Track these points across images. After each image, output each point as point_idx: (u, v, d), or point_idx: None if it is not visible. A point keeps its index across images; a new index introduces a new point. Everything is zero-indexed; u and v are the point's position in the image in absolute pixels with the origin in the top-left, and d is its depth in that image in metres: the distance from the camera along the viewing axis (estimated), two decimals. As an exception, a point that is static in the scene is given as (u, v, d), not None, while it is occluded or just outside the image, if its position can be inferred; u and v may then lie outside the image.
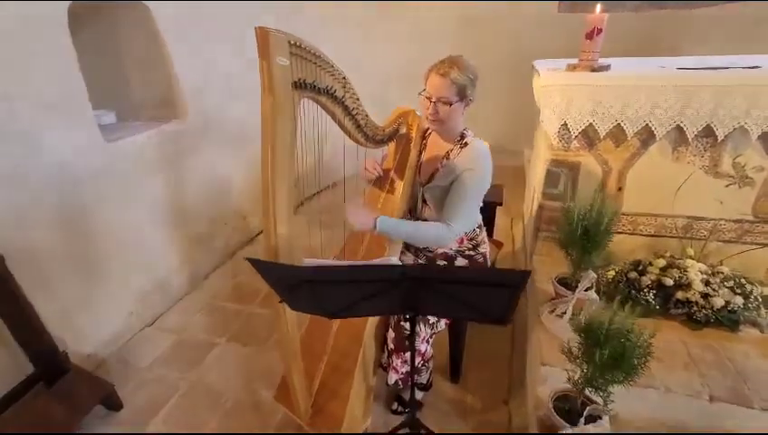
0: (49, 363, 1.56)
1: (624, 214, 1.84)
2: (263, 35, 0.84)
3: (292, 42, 0.90)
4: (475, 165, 1.32)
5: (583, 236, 1.36)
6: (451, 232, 1.32)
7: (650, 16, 3.31)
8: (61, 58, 1.66)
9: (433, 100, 1.29)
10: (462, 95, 1.29)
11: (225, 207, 2.68)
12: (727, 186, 1.67)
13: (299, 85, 0.94)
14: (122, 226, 1.98)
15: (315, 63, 0.98)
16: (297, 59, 0.92)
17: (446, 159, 1.40)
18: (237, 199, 2.77)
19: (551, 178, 1.89)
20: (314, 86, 0.99)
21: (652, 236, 1.85)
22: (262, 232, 3.12)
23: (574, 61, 1.79)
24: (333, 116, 1.12)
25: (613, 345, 1.03)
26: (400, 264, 0.91)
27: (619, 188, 1.81)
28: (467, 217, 1.37)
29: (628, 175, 1.78)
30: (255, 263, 0.84)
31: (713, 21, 3.31)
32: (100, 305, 1.92)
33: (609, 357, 1.04)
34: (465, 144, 1.38)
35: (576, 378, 1.14)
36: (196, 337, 2.08)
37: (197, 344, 2.02)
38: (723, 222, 1.73)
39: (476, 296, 0.89)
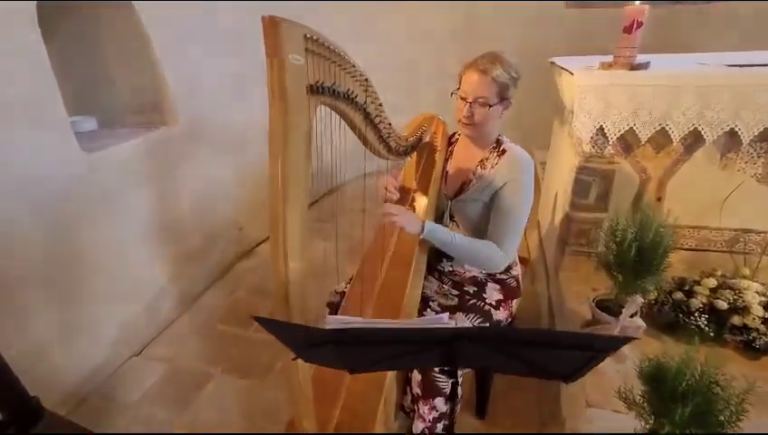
0: (19, 410, 1.35)
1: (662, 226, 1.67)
2: (272, 26, 0.64)
3: (309, 35, 0.71)
4: (519, 175, 1.16)
5: (636, 258, 1.18)
6: (505, 257, 1.17)
7: (665, 10, 3.16)
8: (29, 57, 1.45)
9: (469, 100, 1.12)
10: (502, 96, 1.13)
11: (220, 219, 2.47)
12: (781, 195, 1.51)
13: (316, 89, 0.75)
14: (104, 245, 1.77)
15: (334, 62, 0.79)
16: (313, 56, 0.73)
17: (481, 168, 1.22)
18: (233, 209, 2.56)
19: (580, 187, 1.72)
20: (333, 90, 0.80)
21: (693, 250, 1.68)
22: (260, 244, 2.96)
23: (607, 58, 1.61)
24: (353, 125, 0.93)
25: (696, 402, 0.86)
26: (454, 325, 0.72)
27: (659, 198, 1.64)
28: (518, 238, 1.20)
29: (668, 183, 1.61)
30: (266, 323, 0.65)
31: (729, 16, 3.18)
32: (80, 335, 1.71)
33: (690, 414, 0.87)
34: (503, 151, 1.21)
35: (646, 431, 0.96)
36: (189, 367, 1.88)
37: (191, 375, 1.82)
38: (771, 234, 1.57)
39: (544, 356, 0.70)
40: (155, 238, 2.02)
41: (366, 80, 0.90)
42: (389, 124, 1.05)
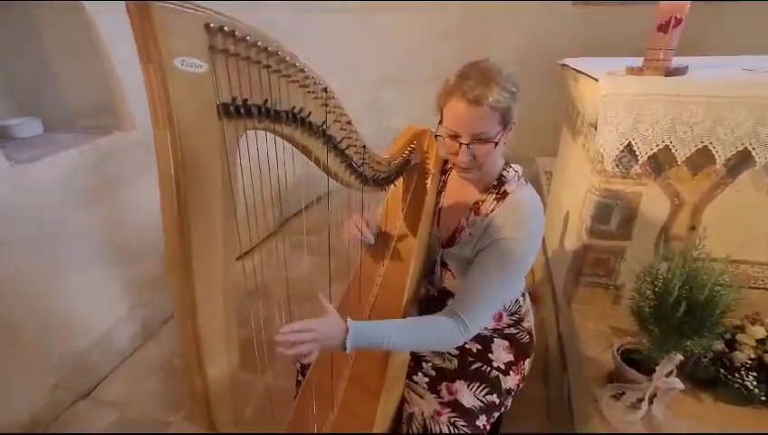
0: None
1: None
2: (142, 16, 0.39)
3: (216, 25, 0.44)
4: (516, 234, 0.88)
5: (685, 317, 0.94)
6: (466, 334, 0.88)
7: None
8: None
9: (464, 142, 0.83)
10: (506, 121, 0.85)
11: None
12: (840, 228, 1.27)
13: (234, 110, 0.49)
14: (42, 274, 1.50)
15: (267, 67, 0.52)
16: (227, 59, 0.47)
17: (475, 214, 0.95)
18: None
19: (600, 212, 1.47)
20: (266, 109, 0.54)
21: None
22: (238, 258, 2.63)
23: (636, 61, 1.36)
24: (308, 153, 0.67)
25: None
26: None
27: (693, 227, 1.40)
28: (491, 311, 0.93)
29: (705, 210, 1.37)
30: None
31: (741, 15, 2.94)
32: (13, 380, 1.44)
33: None
34: (504, 194, 0.93)
35: None
36: (144, 412, 1.62)
37: (147, 423, 1.56)
38: (826, 272, 1.34)
39: None
40: (107, 263, 1.75)
41: (324, 90, 0.63)
42: (363, 147, 0.79)
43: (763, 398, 1.16)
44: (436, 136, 0.89)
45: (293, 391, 1.19)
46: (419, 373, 1.03)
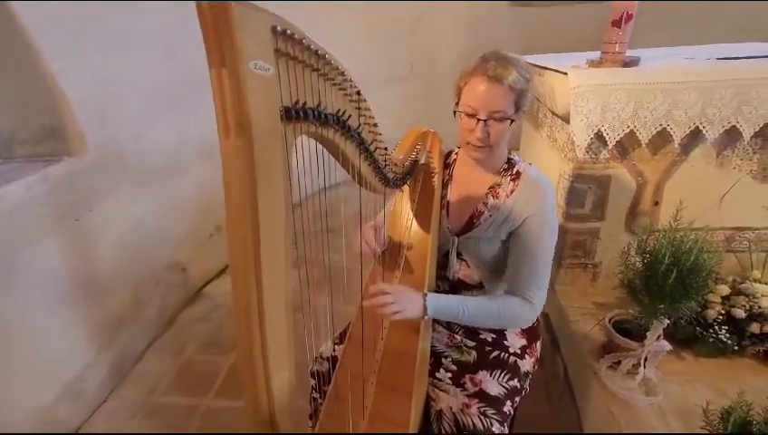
0: None
1: (659, 230, 1.57)
2: (219, 15, 0.36)
3: (281, 28, 0.43)
4: (543, 206, 0.94)
5: (675, 285, 1.03)
6: (533, 310, 0.95)
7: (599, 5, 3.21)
8: None
9: (482, 117, 0.88)
10: (519, 105, 0.90)
11: (155, 262, 2.04)
12: (775, 191, 1.46)
13: (294, 114, 0.48)
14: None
15: (318, 70, 0.51)
16: (288, 63, 0.46)
17: (494, 196, 0.99)
18: (170, 249, 2.14)
19: (575, 196, 1.57)
20: (319, 113, 0.53)
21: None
22: (208, 283, 2.49)
23: (593, 54, 1.48)
24: (343, 158, 0.66)
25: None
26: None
27: (656, 203, 1.54)
28: (546, 284, 0.98)
29: (665, 186, 1.51)
30: None
31: (662, 11, 3.29)
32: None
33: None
34: (518, 174, 0.99)
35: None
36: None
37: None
38: (767, 231, 1.53)
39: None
40: (69, 303, 1.58)
41: (358, 92, 0.63)
42: (385, 149, 0.80)
43: (736, 347, 1.30)
44: (454, 113, 0.93)
45: (308, 409, 1.15)
46: (441, 370, 1.04)
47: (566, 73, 1.35)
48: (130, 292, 1.88)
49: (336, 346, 1.10)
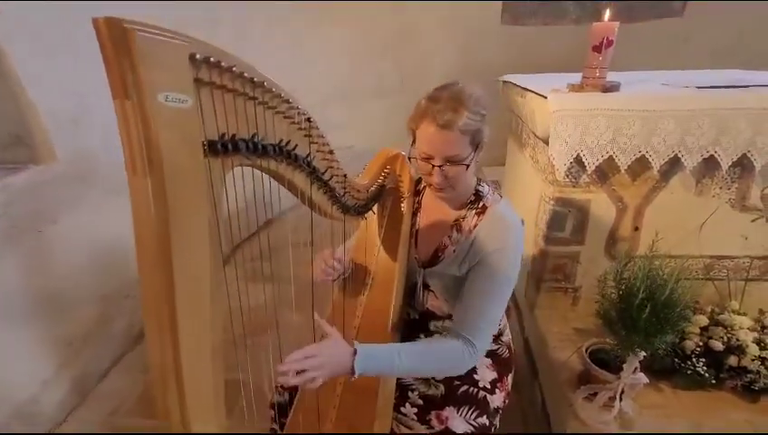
0: None
1: (638, 256, 1.55)
2: (118, 39, 0.32)
3: (201, 56, 0.39)
4: (504, 245, 0.89)
5: (650, 319, 1.00)
6: (474, 355, 0.88)
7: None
8: None
9: (437, 164, 0.85)
10: (476, 142, 0.86)
11: (124, 275, 1.96)
12: (754, 220, 1.45)
13: (221, 147, 0.43)
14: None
15: (254, 98, 0.47)
16: (213, 92, 0.41)
17: (457, 231, 0.95)
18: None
19: (556, 220, 1.55)
20: (254, 145, 0.48)
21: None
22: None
23: (574, 77, 1.47)
24: (290, 186, 0.62)
25: None
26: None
27: (636, 228, 1.52)
28: (495, 327, 0.94)
29: (645, 212, 1.49)
30: None
31: (646, 35, 3.34)
32: None
33: None
34: (483, 208, 0.94)
35: None
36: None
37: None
38: (746, 260, 1.51)
39: None
40: (28, 317, 1.50)
41: (308, 119, 0.59)
42: (344, 176, 0.75)
43: (714, 381, 1.27)
44: (409, 158, 0.89)
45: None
46: (407, 404, 0.99)
47: (546, 97, 1.34)
48: (97, 306, 1.80)
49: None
